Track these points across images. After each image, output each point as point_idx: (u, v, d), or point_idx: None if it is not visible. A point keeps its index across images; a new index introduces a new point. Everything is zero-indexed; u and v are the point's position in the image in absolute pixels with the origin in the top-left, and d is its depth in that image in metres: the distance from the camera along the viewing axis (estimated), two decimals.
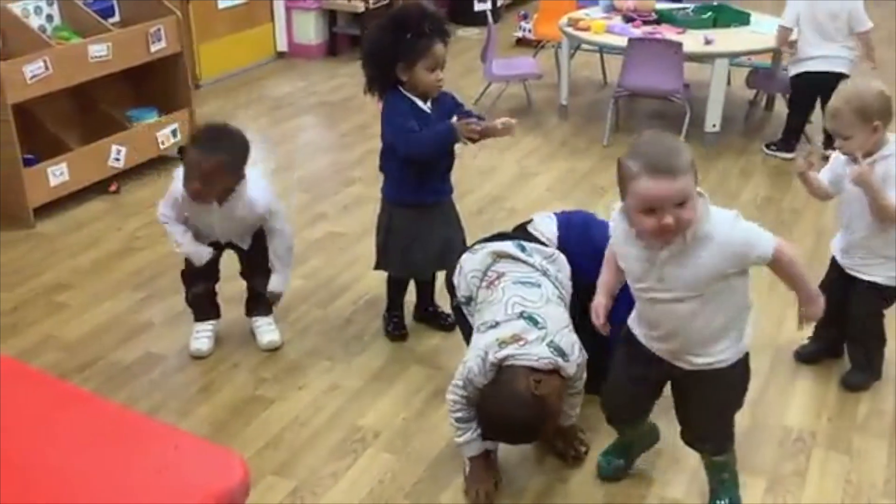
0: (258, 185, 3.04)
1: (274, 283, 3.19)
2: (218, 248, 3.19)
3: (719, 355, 2.25)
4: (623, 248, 2.23)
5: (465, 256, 2.77)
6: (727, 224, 2.13)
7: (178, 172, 2.96)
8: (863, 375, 3.09)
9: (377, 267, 3.31)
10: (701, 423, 2.42)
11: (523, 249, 2.67)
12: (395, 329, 3.36)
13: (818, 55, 4.82)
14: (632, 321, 2.38)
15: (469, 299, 2.69)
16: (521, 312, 2.48)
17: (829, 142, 2.97)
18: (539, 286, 2.56)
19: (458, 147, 3.07)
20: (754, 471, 2.71)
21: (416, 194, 3.11)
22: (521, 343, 2.40)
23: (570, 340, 2.46)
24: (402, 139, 2.99)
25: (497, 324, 2.49)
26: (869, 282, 2.95)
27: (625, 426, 2.58)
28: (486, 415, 2.45)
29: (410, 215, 3.14)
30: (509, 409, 2.36)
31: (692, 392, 2.36)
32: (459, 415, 2.54)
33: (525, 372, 2.36)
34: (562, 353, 2.41)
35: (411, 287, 3.42)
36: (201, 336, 3.27)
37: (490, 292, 2.60)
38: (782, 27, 4.97)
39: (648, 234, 2.07)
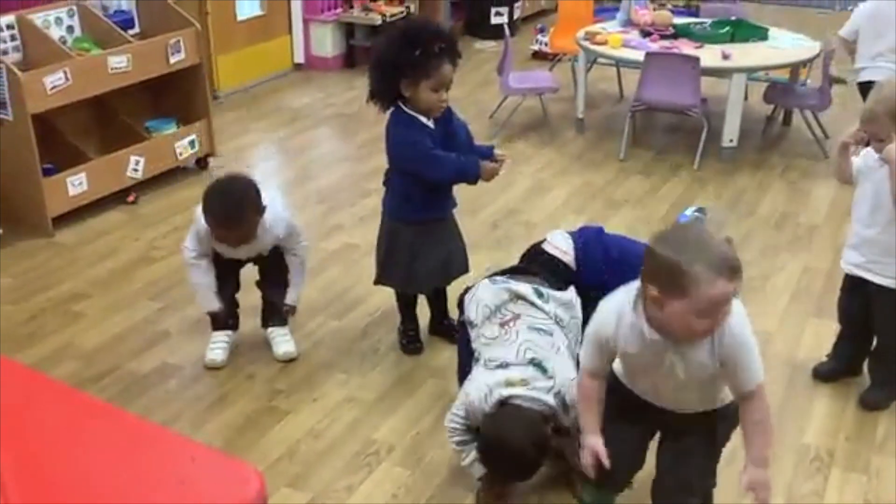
0: (274, 209, 3.03)
1: (290, 297, 3.25)
2: (237, 263, 3.22)
3: (708, 405, 2.18)
4: (625, 344, 2.07)
5: (483, 283, 2.75)
6: (741, 319, 2.01)
7: (198, 211, 3.00)
8: (882, 394, 3.06)
9: (377, 281, 3.30)
10: (687, 465, 2.24)
11: (541, 296, 2.65)
12: (409, 343, 3.36)
13: (870, 66, 4.72)
14: (617, 370, 2.25)
15: (472, 324, 2.69)
16: (531, 359, 2.49)
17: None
18: (551, 335, 2.57)
19: None
20: (772, 491, 2.68)
21: (420, 212, 3.11)
22: (529, 387, 2.42)
23: (574, 395, 2.43)
24: (419, 156, 2.97)
25: (507, 365, 2.50)
26: (880, 286, 2.90)
27: (615, 488, 2.43)
28: (486, 441, 2.45)
29: (412, 231, 3.13)
30: (511, 439, 2.36)
31: (682, 431, 2.22)
32: (458, 439, 2.58)
33: (529, 410, 2.40)
34: (564, 407, 2.43)
35: (424, 300, 3.42)
36: (216, 347, 3.28)
37: (504, 331, 2.59)
38: (840, 37, 4.90)
39: (695, 338, 1.95)
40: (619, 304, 2.06)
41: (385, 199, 3.20)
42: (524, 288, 2.66)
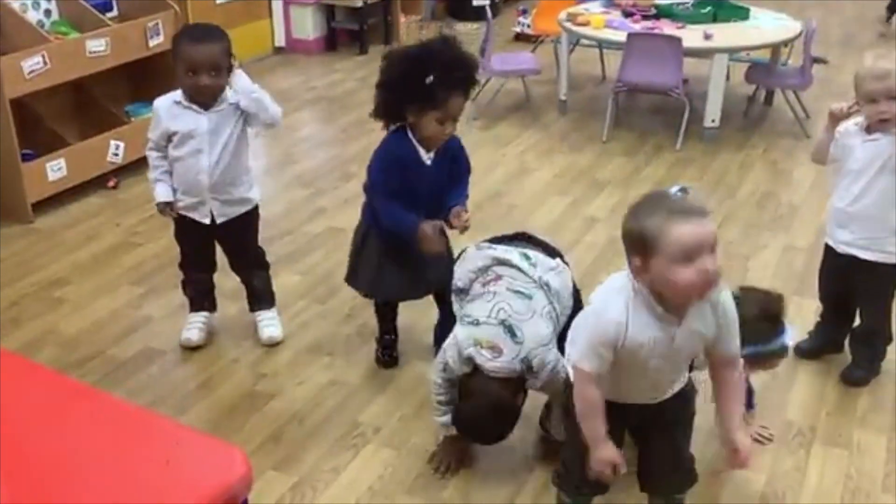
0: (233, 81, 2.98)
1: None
2: (209, 241, 3.18)
3: (679, 384, 2.19)
4: (640, 337, 2.00)
5: (470, 250, 2.77)
6: (727, 293, 2.07)
7: (158, 104, 3.03)
8: (863, 371, 3.08)
9: (346, 280, 3.13)
10: (674, 450, 2.27)
11: (527, 259, 2.64)
12: (382, 353, 3.19)
13: None
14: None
15: (461, 290, 2.71)
16: (503, 321, 2.50)
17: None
18: (531, 298, 2.55)
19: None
20: (754, 466, 2.70)
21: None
22: (496, 354, 2.47)
23: (543, 359, 2.47)
24: (375, 191, 2.85)
25: (478, 322, 2.52)
26: (871, 262, 2.89)
27: (600, 492, 2.38)
28: (460, 411, 2.58)
29: (383, 237, 2.91)
30: (481, 412, 2.52)
31: (658, 416, 2.20)
32: (441, 398, 2.65)
33: (496, 384, 2.49)
34: (531, 370, 2.48)
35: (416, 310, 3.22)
36: (193, 326, 3.28)
37: (484, 289, 2.61)
38: None
39: (687, 292, 1.93)
40: (619, 303, 2.01)
41: (364, 205, 3.03)
42: (510, 253, 2.66)
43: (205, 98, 2.94)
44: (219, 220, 3.09)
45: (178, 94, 2.99)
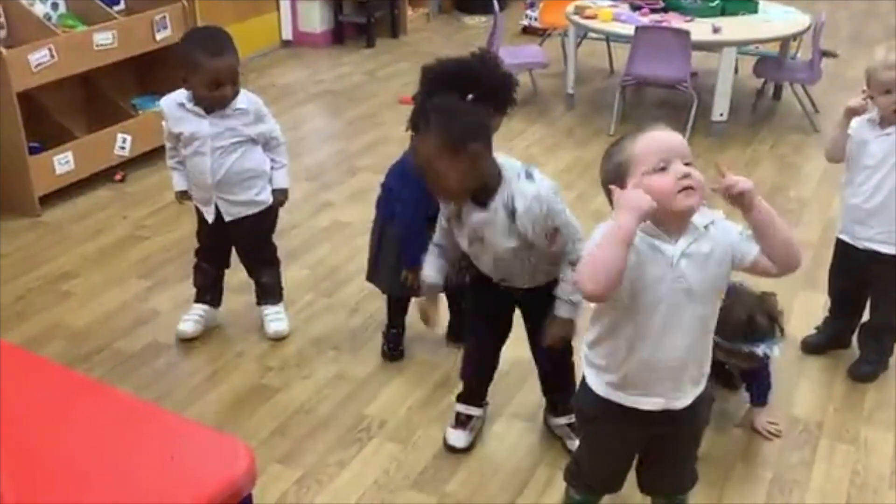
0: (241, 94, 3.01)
1: (278, 180, 3.14)
2: (223, 237, 3.18)
3: (706, 369, 2.08)
4: (640, 245, 1.90)
5: None
6: (721, 215, 2.01)
7: (164, 105, 3.04)
8: (871, 367, 3.07)
9: (368, 279, 3.15)
10: (686, 460, 2.23)
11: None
12: (391, 349, 3.20)
13: None
14: (607, 388, 2.06)
15: None
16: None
17: None
18: None
19: None
20: (760, 462, 2.71)
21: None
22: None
23: (539, 185, 2.44)
24: (404, 203, 2.83)
25: None
26: (892, 255, 2.86)
27: (608, 492, 2.34)
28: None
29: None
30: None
31: (679, 429, 2.13)
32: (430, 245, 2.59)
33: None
34: (529, 175, 2.43)
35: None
36: (189, 319, 3.29)
37: None
38: None
39: (668, 200, 1.86)
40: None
41: (378, 201, 3.01)
42: None
43: (219, 105, 2.94)
44: (226, 219, 3.11)
45: (182, 96, 2.98)
